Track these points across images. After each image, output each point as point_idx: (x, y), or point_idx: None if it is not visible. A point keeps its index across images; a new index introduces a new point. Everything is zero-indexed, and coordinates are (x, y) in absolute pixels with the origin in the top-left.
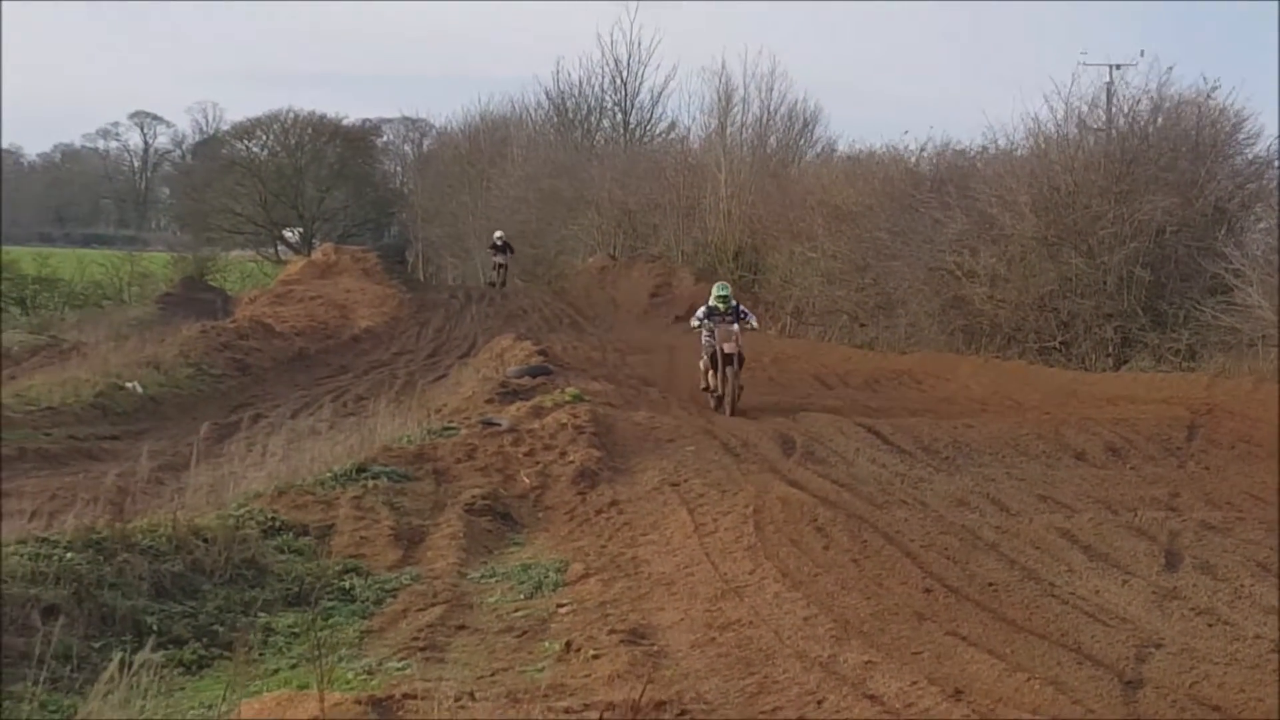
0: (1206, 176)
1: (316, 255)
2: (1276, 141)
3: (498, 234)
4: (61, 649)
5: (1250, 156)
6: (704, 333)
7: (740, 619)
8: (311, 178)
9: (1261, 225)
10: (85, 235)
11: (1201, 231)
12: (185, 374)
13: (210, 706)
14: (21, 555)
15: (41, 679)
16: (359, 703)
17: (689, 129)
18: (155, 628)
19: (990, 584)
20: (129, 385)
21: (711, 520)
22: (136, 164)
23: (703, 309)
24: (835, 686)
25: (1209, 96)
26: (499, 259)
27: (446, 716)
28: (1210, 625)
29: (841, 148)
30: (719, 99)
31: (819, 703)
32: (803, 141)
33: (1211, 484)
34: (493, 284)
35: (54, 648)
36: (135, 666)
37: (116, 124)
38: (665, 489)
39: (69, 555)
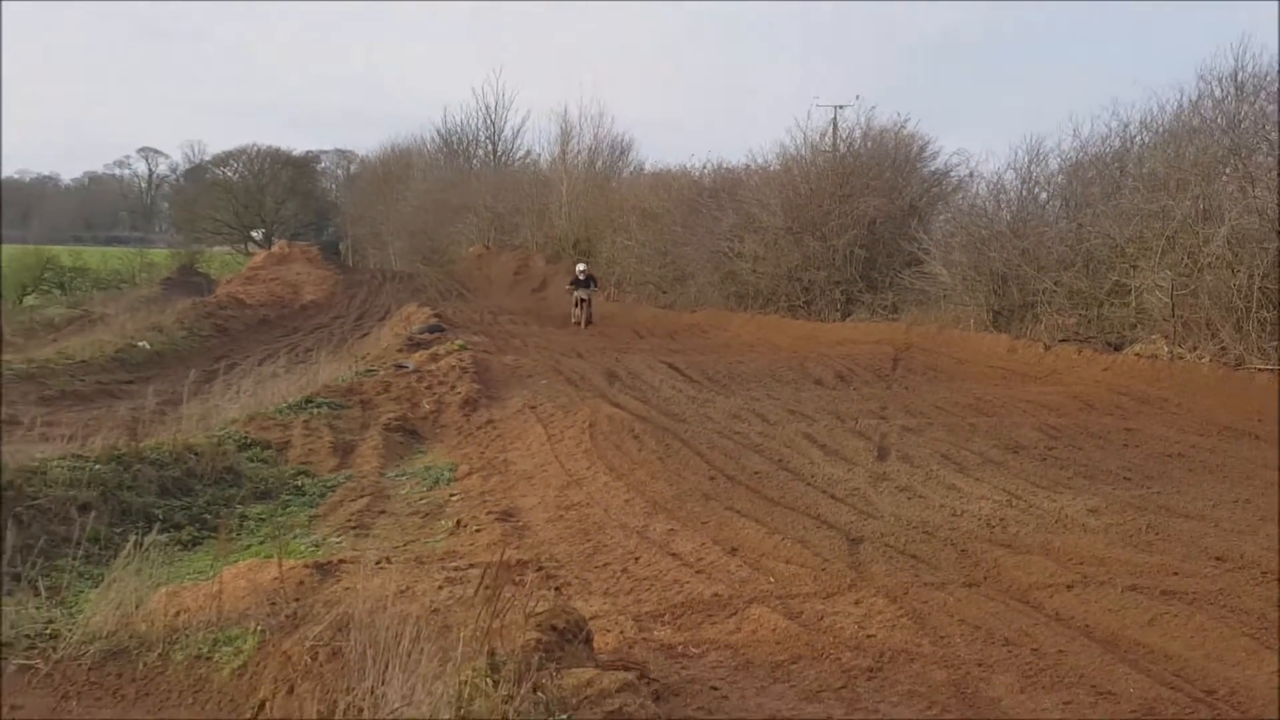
0: (903, 183)
1: (275, 249)
2: (955, 157)
3: (580, 267)
4: (92, 534)
5: (932, 168)
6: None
7: (580, 502)
8: (270, 194)
9: (942, 217)
10: (108, 237)
11: (900, 222)
12: (180, 335)
13: (201, 572)
14: (62, 467)
15: (79, 555)
16: (307, 567)
17: (540, 155)
18: (161, 517)
19: (756, 473)
20: (140, 344)
21: (559, 432)
22: (143, 185)
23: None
24: (647, 547)
25: (902, 127)
26: (581, 294)
27: (371, 575)
28: (910, 499)
29: (648, 167)
30: (562, 133)
31: (636, 559)
32: (620, 163)
33: (909, 399)
34: (577, 323)
35: (87, 533)
36: (146, 545)
37: (128, 156)
38: (526, 411)
39: (97, 466)
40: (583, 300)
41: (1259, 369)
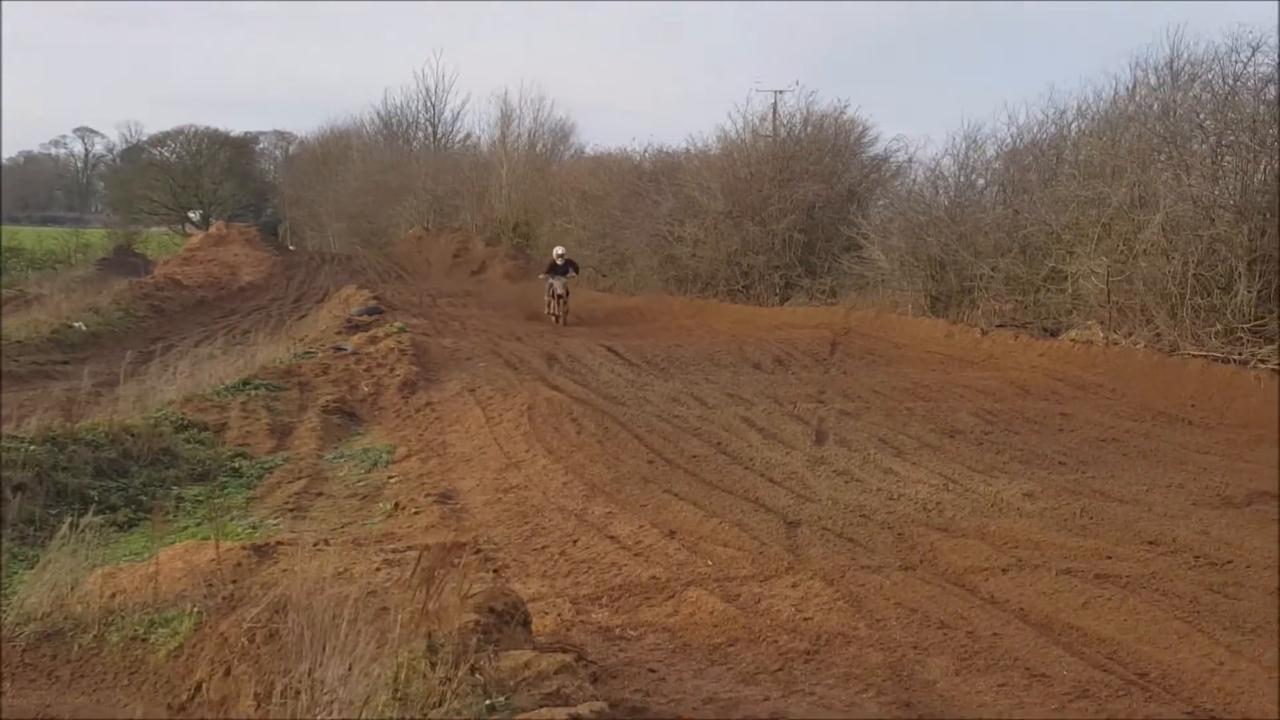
0: (842, 169)
1: (212, 230)
2: (894, 143)
3: (558, 250)
4: (26, 515)
5: (871, 154)
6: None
7: (518, 484)
8: (207, 174)
9: (880, 203)
10: (43, 217)
11: (839, 207)
12: (117, 316)
13: (137, 554)
14: None
15: (13, 536)
16: (244, 549)
17: (480, 138)
18: (96, 499)
19: (694, 456)
20: (76, 325)
21: (498, 415)
22: (79, 165)
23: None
24: (585, 530)
25: (842, 113)
26: (558, 283)
27: (308, 557)
28: (847, 483)
29: (589, 150)
30: (502, 116)
31: (574, 542)
32: (562, 146)
33: (846, 383)
34: (554, 317)
35: (21, 514)
36: (81, 527)
37: (64, 136)
38: (464, 393)
39: (32, 447)
40: (560, 295)
41: (1192, 355)
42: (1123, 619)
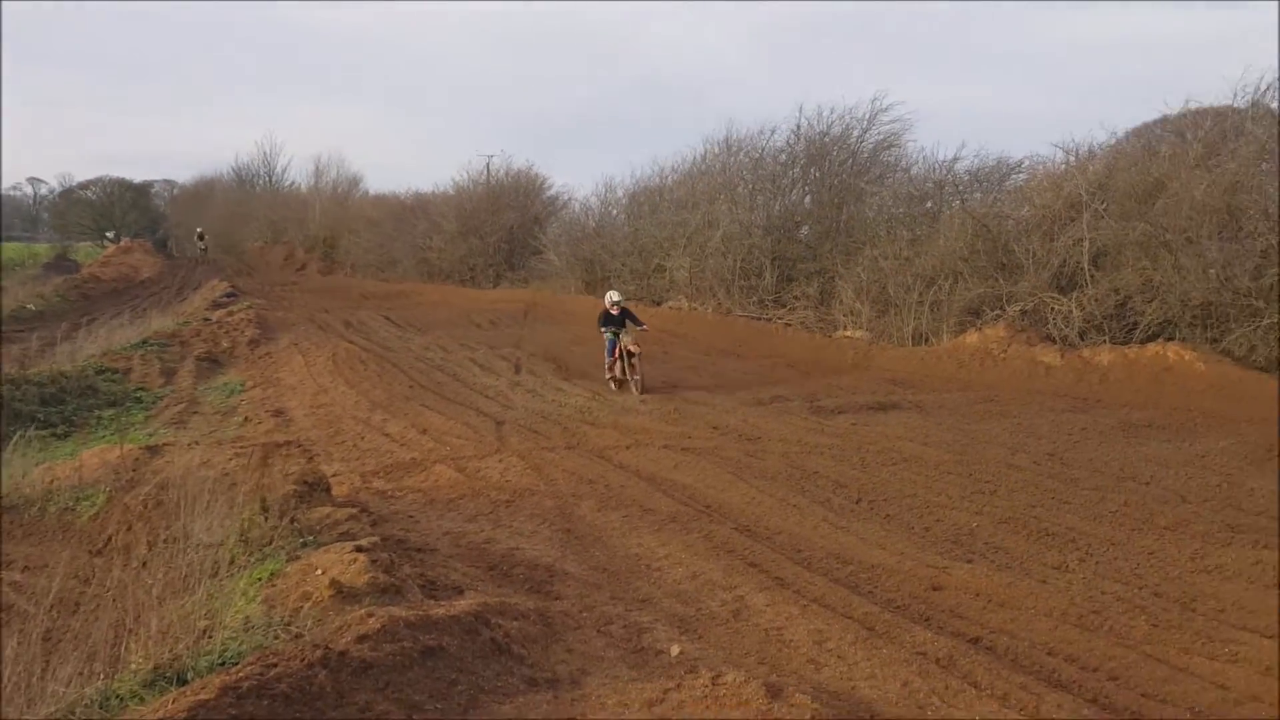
0: (530, 204)
1: (122, 244)
2: (562, 188)
3: (613, 297)
4: None
5: (548, 195)
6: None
7: (326, 403)
8: (118, 208)
9: (554, 225)
10: (7, 236)
11: (529, 228)
12: (56, 300)
13: (69, 455)
14: None
15: None
16: (142, 449)
17: (300, 184)
18: (41, 419)
19: (439, 383)
20: (29, 306)
21: (313, 360)
22: (30, 202)
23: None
24: (369, 430)
25: (530, 169)
26: (626, 339)
27: (185, 453)
28: (534, 397)
29: (371, 192)
30: (315, 170)
31: (362, 438)
32: (354, 189)
33: (535, 336)
34: (616, 381)
35: None
36: (30, 438)
37: (20, 182)
38: (291, 347)
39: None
40: (631, 353)
41: (739, 316)
42: (697, 474)
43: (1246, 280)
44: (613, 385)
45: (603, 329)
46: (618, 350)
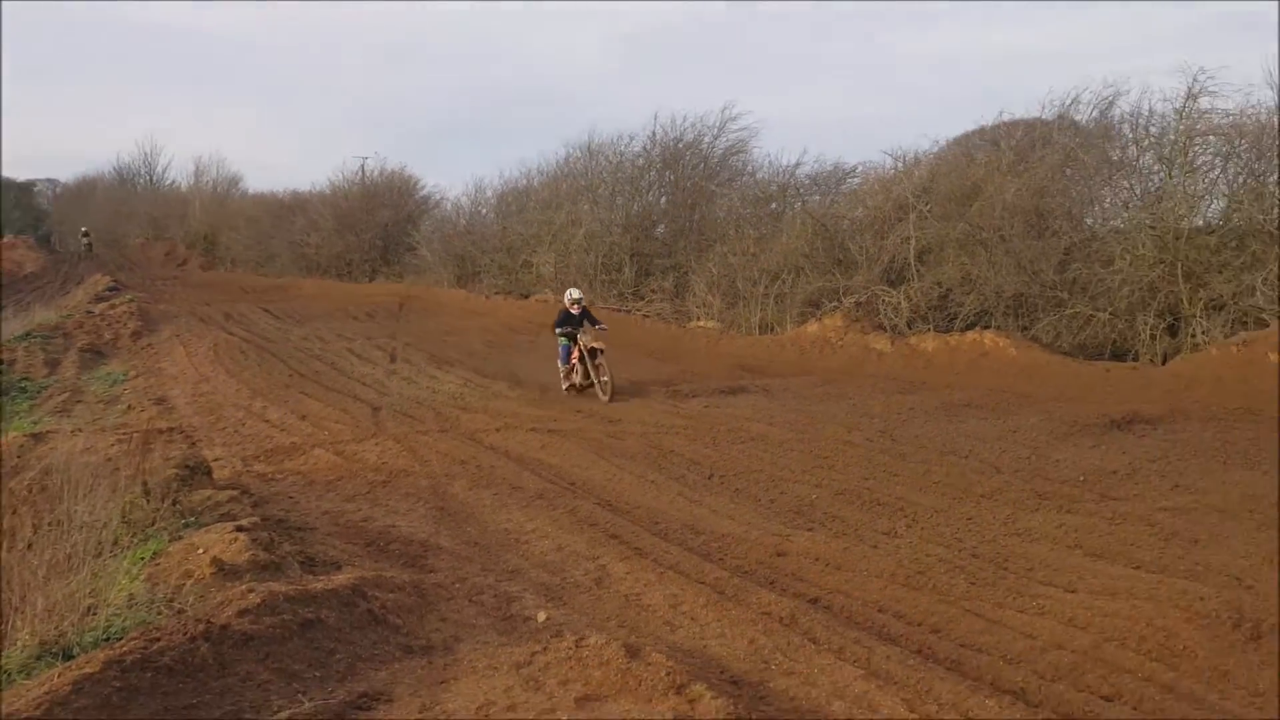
0: (404, 202)
1: (6, 240)
2: (434, 188)
3: (573, 295)
4: None
5: (421, 194)
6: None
7: (208, 391)
8: (3, 206)
9: (426, 222)
10: None
11: (403, 225)
12: None
13: None
14: None
15: None
16: (27, 436)
17: (181, 183)
18: None
19: (317, 372)
20: None
21: (194, 351)
22: None
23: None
24: (250, 417)
25: (404, 169)
26: (587, 341)
27: (68, 440)
28: (409, 384)
29: (251, 191)
30: (196, 170)
31: (243, 424)
32: (234, 189)
33: (409, 328)
34: (575, 387)
35: None
36: None
37: None
38: (173, 338)
39: None
40: (594, 348)
41: (601, 308)
42: (563, 454)
43: (1052, 274)
44: (572, 394)
45: (558, 331)
46: (575, 353)
